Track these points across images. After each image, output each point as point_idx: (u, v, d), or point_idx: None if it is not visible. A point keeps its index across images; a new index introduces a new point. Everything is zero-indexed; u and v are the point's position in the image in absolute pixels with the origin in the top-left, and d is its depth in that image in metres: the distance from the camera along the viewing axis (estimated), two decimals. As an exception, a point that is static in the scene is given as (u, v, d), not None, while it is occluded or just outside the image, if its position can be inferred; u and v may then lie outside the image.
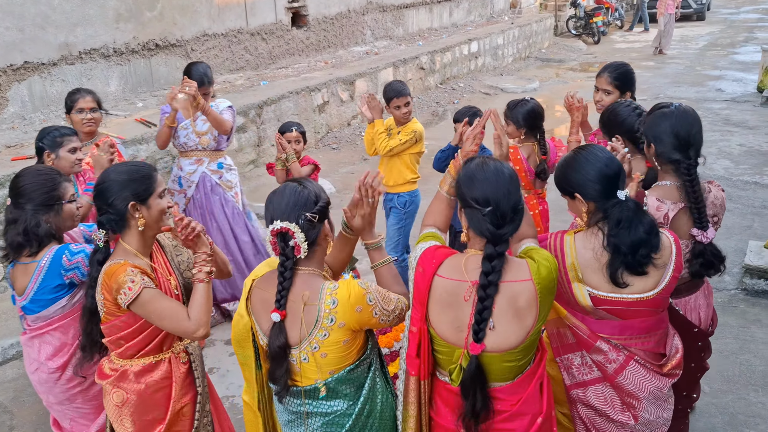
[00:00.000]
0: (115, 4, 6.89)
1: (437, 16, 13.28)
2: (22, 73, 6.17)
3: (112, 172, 2.33)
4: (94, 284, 2.33)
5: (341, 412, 2.09)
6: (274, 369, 2.06)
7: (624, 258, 2.14)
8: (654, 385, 2.27)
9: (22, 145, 5.69)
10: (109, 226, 2.32)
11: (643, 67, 13.63)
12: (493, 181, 1.96)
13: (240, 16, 8.48)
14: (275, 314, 2.00)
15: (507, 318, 1.95)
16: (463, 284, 1.98)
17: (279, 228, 1.99)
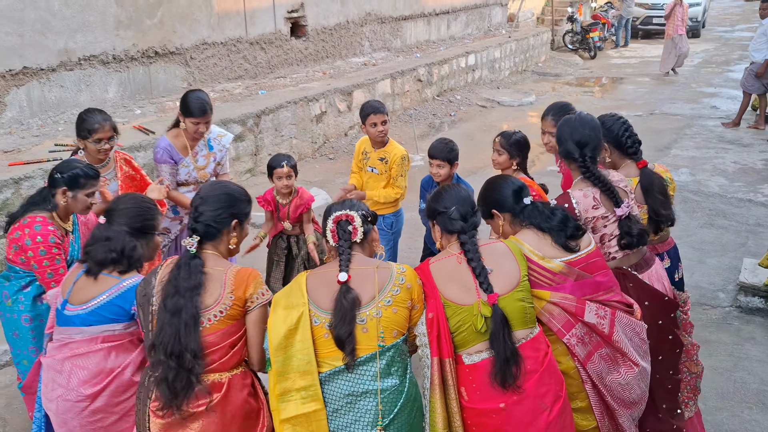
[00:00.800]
0: (116, 11, 6.90)
1: (435, 29, 13.36)
2: (21, 78, 6.16)
3: (229, 185, 2.58)
4: (198, 289, 2.30)
5: (395, 388, 2.30)
6: (342, 327, 2.23)
7: (563, 232, 2.65)
8: (638, 327, 2.68)
9: (19, 150, 5.68)
10: (204, 236, 2.42)
11: (639, 83, 13.74)
12: (452, 193, 2.62)
13: (239, 26, 8.51)
14: (342, 274, 2.29)
15: (497, 261, 2.48)
16: (452, 257, 2.51)
17: (341, 214, 2.41)
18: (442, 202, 2.60)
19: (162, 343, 2.25)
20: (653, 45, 19.05)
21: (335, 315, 2.25)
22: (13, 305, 3.17)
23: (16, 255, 3.10)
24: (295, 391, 2.24)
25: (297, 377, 2.25)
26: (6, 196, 4.93)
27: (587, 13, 18.90)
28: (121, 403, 2.57)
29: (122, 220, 2.68)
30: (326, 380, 2.27)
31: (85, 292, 2.61)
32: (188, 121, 3.93)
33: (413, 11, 12.35)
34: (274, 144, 7.80)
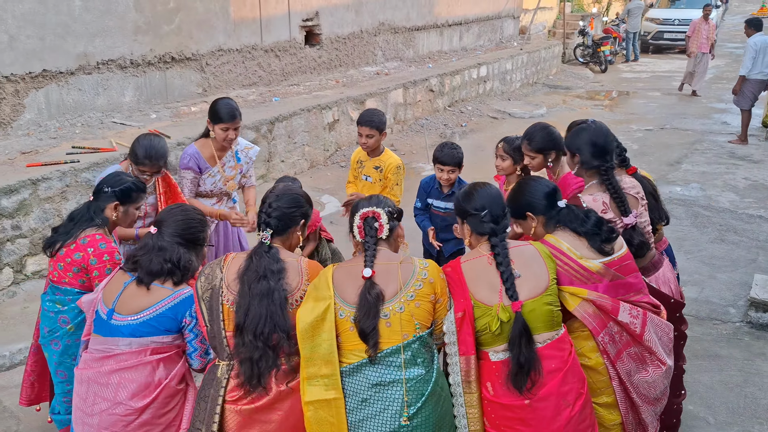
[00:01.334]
0: (135, 17, 6.99)
1: (447, 40, 13.43)
2: (40, 80, 6.25)
3: (299, 190, 2.75)
4: (282, 273, 2.44)
5: (421, 378, 2.36)
6: (365, 322, 2.32)
7: (598, 236, 2.71)
8: (667, 328, 2.79)
9: (37, 152, 5.75)
10: (276, 230, 2.54)
11: (649, 97, 13.76)
12: (484, 194, 2.65)
13: (255, 33, 8.59)
14: (367, 270, 2.37)
15: (526, 265, 2.53)
16: (483, 257, 2.56)
17: (368, 211, 2.50)
18: (473, 203, 2.63)
19: (251, 324, 2.35)
20: (664, 60, 19.09)
21: (359, 309, 2.34)
22: (76, 330, 3.02)
23: (76, 277, 2.99)
24: (320, 377, 2.34)
25: (322, 364, 2.34)
26: (23, 197, 4.99)
27: (599, 27, 18.95)
28: (166, 414, 2.57)
29: (174, 231, 2.68)
30: (352, 372, 2.35)
31: (136, 301, 2.58)
32: (217, 127, 3.92)
33: (426, 22, 12.44)
34: (286, 151, 7.86)
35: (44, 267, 5.17)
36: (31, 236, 5.08)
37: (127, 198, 3.11)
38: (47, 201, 5.18)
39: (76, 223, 3.03)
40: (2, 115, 6.02)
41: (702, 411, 3.78)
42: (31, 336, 4.28)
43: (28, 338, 4.30)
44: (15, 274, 5.02)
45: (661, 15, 19.92)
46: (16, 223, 4.96)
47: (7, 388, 4.03)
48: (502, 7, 15.37)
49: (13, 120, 6.11)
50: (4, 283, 4.95)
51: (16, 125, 6.14)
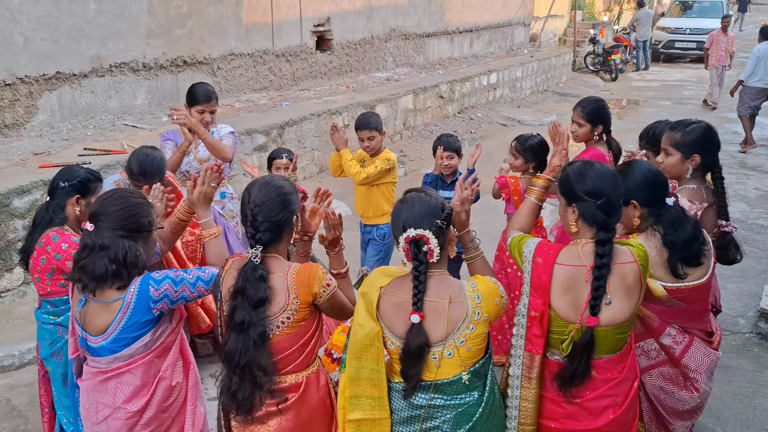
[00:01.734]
0: (148, 21, 7.05)
1: (458, 46, 13.45)
2: (54, 82, 6.30)
3: (274, 182, 2.36)
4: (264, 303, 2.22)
5: (473, 402, 2.22)
6: (410, 367, 2.16)
7: (680, 253, 2.53)
8: (711, 359, 2.70)
9: (49, 153, 5.80)
10: (268, 243, 2.29)
11: (660, 106, 13.72)
12: (602, 177, 2.31)
13: (267, 38, 8.64)
14: (415, 316, 2.14)
15: (620, 294, 2.28)
16: (581, 269, 2.28)
17: (414, 235, 2.15)
18: (586, 184, 2.31)
19: (228, 356, 2.23)
20: (675, 69, 19.03)
21: (405, 353, 2.18)
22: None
23: (55, 282, 2.87)
24: (365, 397, 2.24)
25: (368, 386, 2.24)
26: (35, 197, 5.03)
27: (609, 35, 18.93)
28: (171, 406, 2.49)
29: (113, 223, 2.36)
30: (400, 390, 2.24)
31: (97, 320, 2.38)
32: (194, 110, 4.07)
33: (437, 29, 12.47)
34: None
35: (54, 267, 5.21)
36: (42, 237, 5.12)
37: (86, 189, 2.94)
38: (59, 202, 5.21)
39: (37, 227, 2.89)
40: (16, 117, 6.08)
41: (711, 422, 3.76)
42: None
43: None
44: (25, 273, 5.05)
45: (672, 24, 19.87)
46: (28, 223, 5.00)
47: (17, 387, 4.06)
48: (513, 15, 15.39)
49: (26, 121, 6.17)
50: (15, 283, 4.98)
51: (29, 126, 6.19)
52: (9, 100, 5.97)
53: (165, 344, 2.47)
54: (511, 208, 4.11)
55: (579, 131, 3.87)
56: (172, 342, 2.50)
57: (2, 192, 4.83)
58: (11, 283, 4.96)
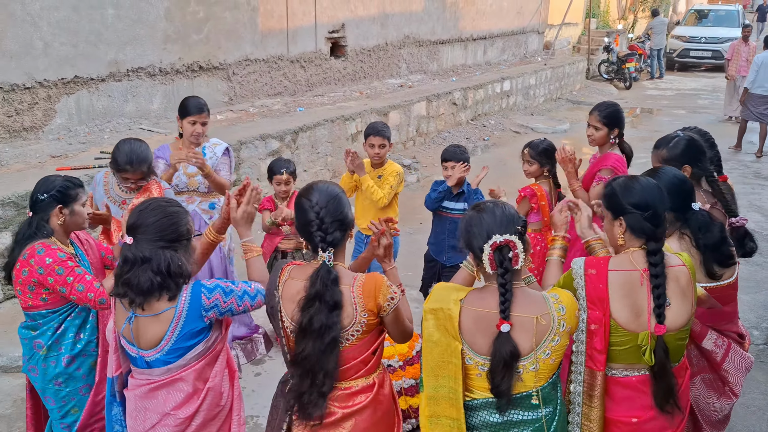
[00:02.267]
0: (165, 26, 7.13)
1: (471, 54, 13.48)
2: (72, 86, 6.39)
3: (329, 186, 2.36)
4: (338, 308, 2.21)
5: (549, 417, 2.21)
6: (500, 380, 2.12)
7: (714, 255, 2.61)
8: (747, 363, 2.78)
9: (66, 156, 5.87)
10: (338, 243, 2.29)
11: (674, 115, 13.66)
12: (648, 189, 2.37)
13: (282, 44, 8.70)
14: (505, 325, 2.09)
15: (676, 297, 2.30)
16: (635, 273, 2.30)
17: (501, 241, 2.11)
18: (633, 196, 2.35)
19: (301, 361, 2.21)
20: (690, 78, 18.95)
21: (494, 365, 2.13)
22: (50, 352, 2.88)
23: (36, 295, 2.82)
24: (445, 417, 2.21)
25: (447, 405, 2.21)
26: (53, 200, 5.09)
27: (624, 43, 18.89)
28: (218, 414, 2.47)
29: (153, 235, 2.31)
30: (479, 407, 2.22)
31: (149, 333, 2.33)
32: (185, 122, 4.04)
33: (451, 36, 12.50)
34: (309, 160, 7.92)
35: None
36: (58, 238, 5.18)
37: (67, 197, 2.86)
38: (75, 204, 5.28)
39: (18, 244, 2.83)
40: (34, 120, 6.16)
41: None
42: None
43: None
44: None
45: (687, 33, 19.80)
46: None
47: (31, 387, 4.10)
48: (527, 23, 15.40)
49: (44, 124, 6.25)
50: (31, 284, 5.04)
51: (47, 129, 6.28)
52: (28, 103, 6.05)
53: (215, 352, 2.44)
54: (536, 216, 4.11)
55: (596, 135, 3.94)
56: (221, 350, 2.47)
57: (20, 194, 4.89)
58: (27, 284, 5.02)
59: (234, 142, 6.72)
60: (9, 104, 5.92)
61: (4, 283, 2.91)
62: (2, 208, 4.79)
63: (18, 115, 6.02)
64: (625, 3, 22.84)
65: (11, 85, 5.88)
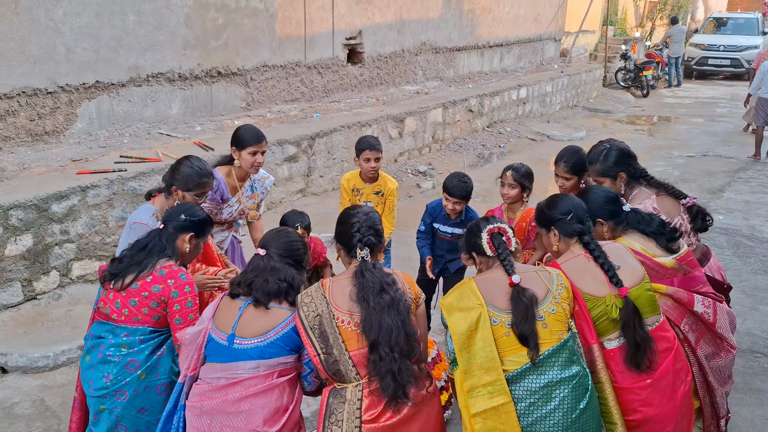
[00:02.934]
0: (185, 32, 7.21)
1: (488, 61, 13.48)
2: (93, 91, 6.48)
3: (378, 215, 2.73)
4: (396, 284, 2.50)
5: (582, 374, 2.47)
6: (524, 325, 2.41)
7: (664, 236, 2.98)
8: (731, 316, 3.11)
9: (87, 160, 5.95)
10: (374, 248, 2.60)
11: (692, 123, 13.56)
12: (566, 199, 2.88)
13: (299, 50, 8.77)
14: (515, 276, 2.50)
15: (621, 259, 2.72)
16: (579, 256, 2.75)
17: (495, 227, 2.63)
18: (558, 209, 2.85)
19: (385, 338, 2.36)
20: (708, 86, 18.81)
21: (516, 313, 2.43)
22: (148, 377, 2.72)
23: (152, 313, 2.73)
24: (481, 386, 2.38)
25: (482, 373, 2.39)
26: (73, 203, 5.16)
27: (641, 51, 18.79)
28: None
29: (283, 251, 2.65)
30: (516, 378, 2.41)
31: (258, 323, 2.50)
32: (245, 153, 3.84)
33: (467, 43, 12.51)
34: (326, 166, 7.97)
35: (89, 272, 5.33)
36: (78, 241, 5.25)
37: (201, 231, 2.94)
38: (95, 208, 5.35)
39: (148, 252, 2.79)
40: (56, 124, 6.25)
41: (741, 445, 3.71)
42: (74, 338, 4.45)
43: (71, 340, 4.44)
44: (61, 277, 5.18)
45: (705, 41, 19.67)
46: (65, 228, 5.13)
47: (50, 388, 4.15)
48: (544, 30, 15.38)
49: (65, 128, 6.34)
50: (51, 286, 5.11)
51: (68, 134, 6.36)
52: (50, 107, 6.15)
53: (297, 376, 2.57)
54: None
55: (567, 184, 3.85)
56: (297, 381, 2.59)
57: (42, 197, 4.97)
58: (47, 286, 5.09)
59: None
60: (32, 108, 6.01)
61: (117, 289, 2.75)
62: (24, 210, 4.86)
63: (40, 119, 6.11)
64: (643, 11, 22.74)
65: (34, 90, 5.97)
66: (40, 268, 5.02)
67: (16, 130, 5.96)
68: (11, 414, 3.90)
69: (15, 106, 5.89)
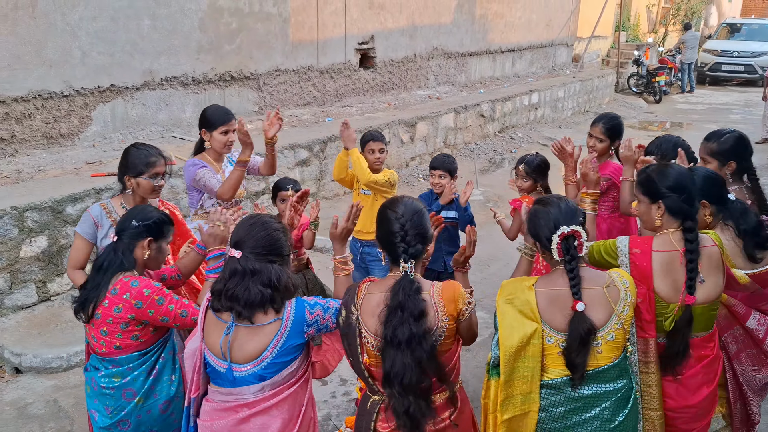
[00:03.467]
0: (199, 37, 7.26)
1: (500, 66, 13.48)
2: (108, 95, 6.54)
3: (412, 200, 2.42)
4: (423, 315, 2.22)
5: (628, 387, 2.42)
6: (576, 356, 2.29)
7: (754, 239, 2.85)
8: None
9: (101, 162, 6.00)
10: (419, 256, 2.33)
11: (705, 129, 13.36)
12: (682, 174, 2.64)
13: (311, 55, 8.80)
14: (580, 304, 2.29)
15: (710, 274, 2.58)
16: (675, 253, 2.58)
17: (569, 231, 2.33)
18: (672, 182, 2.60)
19: (398, 375, 2.19)
20: (721, 92, 18.69)
21: (571, 341, 2.29)
22: (146, 401, 2.61)
23: (128, 334, 2.56)
24: (516, 395, 2.35)
25: (520, 383, 2.35)
26: (87, 205, 5.20)
27: (654, 56, 18.71)
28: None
29: (262, 249, 2.30)
30: (558, 385, 2.35)
31: (249, 346, 2.27)
32: (216, 133, 3.78)
33: (479, 48, 12.52)
34: (337, 170, 7.98)
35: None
36: (92, 243, 5.29)
37: (159, 233, 2.69)
38: (109, 210, 5.38)
39: (104, 271, 2.59)
40: (71, 127, 6.31)
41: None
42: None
43: (84, 341, 4.47)
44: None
45: (719, 47, 19.56)
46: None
47: (64, 389, 4.19)
48: (556, 35, 15.36)
49: (80, 131, 6.40)
50: (65, 287, 5.15)
51: (82, 136, 6.42)
52: (65, 111, 6.21)
53: (306, 375, 2.40)
54: None
55: (598, 146, 4.08)
56: (308, 374, 2.43)
57: (57, 199, 5.02)
58: (61, 287, 5.13)
59: (263, 151, 6.80)
60: (47, 111, 6.08)
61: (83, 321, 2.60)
62: (39, 212, 4.91)
63: (55, 122, 6.17)
64: (656, 16, 22.66)
65: (50, 93, 6.03)
66: (54, 269, 5.06)
67: (32, 132, 6.03)
68: (25, 414, 3.94)
69: (31, 109, 5.95)
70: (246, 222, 2.39)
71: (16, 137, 5.92)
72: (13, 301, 4.86)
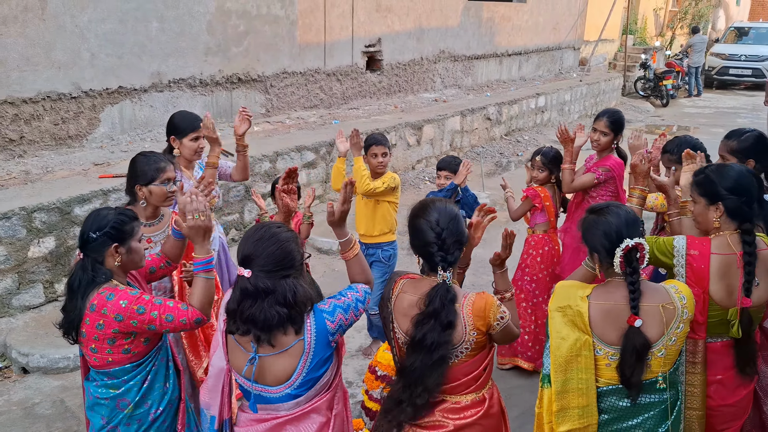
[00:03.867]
0: (207, 39, 7.29)
1: (506, 69, 13.47)
2: (116, 96, 6.57)
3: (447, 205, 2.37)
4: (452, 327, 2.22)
5: (674, 398, 2.40)
6: (631, 371, 2.25)
7: None
8: None
9: (108, 164, 6.03)
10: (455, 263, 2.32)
11: (713, 133, 13.42)
12: (743, 175, 2.59)
13: (318, 57, 8.82)
14: (638, 321, 2.23)
15: (764, 276, 2.55)
16: (733, 256, 2.55)
17: (633, 244, 2.25)
18: (733, 183, 2.56)
19: (408, 371, 2.26)
20: (729, 96, 18.63)
21: (625, 358, 2.25)
22: (137, 410, 2.55)
23: (118, 348, 2.45)
24: (573, 407, 2.34)
25: (576, 396, 2.32)
26: (95, 206, 5.22)
27: (661, 60, 18.67)
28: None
29: (273, 266, 2.16)
30: (607, 393, 2.34)
31: (277, 369, 2.20)
32: (186, 140, 3.66)
33: (486, 51, 12.52)
34: (343, 173, 7.99)
35: (109, 274, 5.39)
36: (99, 244, 5.31)
37: (122, 234, 2.50)
38: (116, 211, 5.41)
39: (77, 291, 2.45)
40: (79, 128, 6.35)
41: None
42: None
43: (92, 342, 4.49)
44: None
45: (726, 50, 19.49)
46: (87, 231, 5.20)
47: (70, 389, 4.20)
48: (563, 39, 15.34)
49: (88, 133, 6.43)
50: (72, 288, 5.17)
51: (91, 138, 6.46)
52: (74, 112, 6.24)
53: (339, 380, 2.36)
54: (542, 217, 4.31)
55: (602, 140, 4.15)
56: (340, 375, 2.39)
57: (65, 200, 5.04)
58: (69, 288, 5.15)
59: (270, 153, 6.83)
60: (56, 113, 6.11)
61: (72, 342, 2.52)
62: (47, 213, 4.93)
63: (64, 124, 6.21)
64: (663, 20, 22.62)
65: (59, 95, 6.07)
66: (62, 270, 5.08)
67: (40, 134, 6.06)
68: (32, 414, 3.96)
69: (40, 111, 5.99)
70: (252, 236, 2.22)
71: (25, 138, 5.96)
72: (21, 301, 4.89)
